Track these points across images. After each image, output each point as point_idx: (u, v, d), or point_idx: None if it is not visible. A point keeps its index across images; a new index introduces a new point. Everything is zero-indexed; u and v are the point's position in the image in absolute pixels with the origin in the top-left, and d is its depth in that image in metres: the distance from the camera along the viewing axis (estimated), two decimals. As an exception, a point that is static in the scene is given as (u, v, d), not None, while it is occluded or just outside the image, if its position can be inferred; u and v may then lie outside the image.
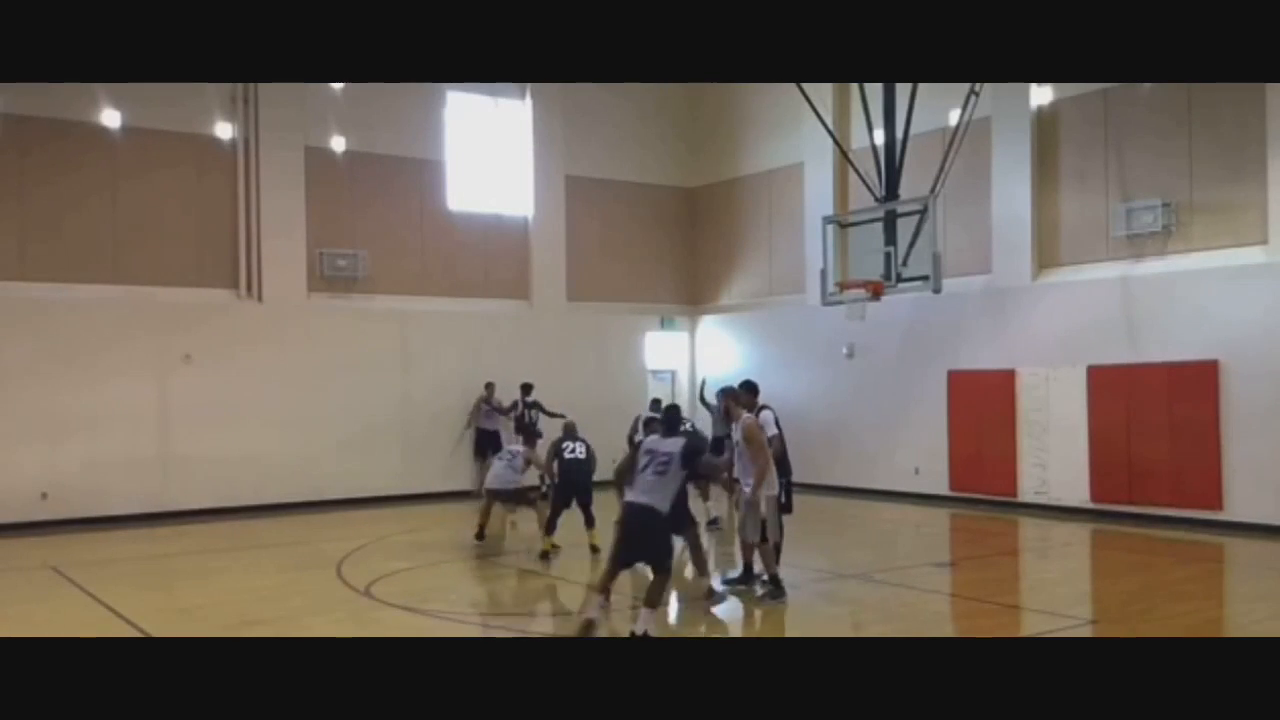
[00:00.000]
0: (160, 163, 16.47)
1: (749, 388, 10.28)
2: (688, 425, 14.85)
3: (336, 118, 17.60)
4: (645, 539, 7.70)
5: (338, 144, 17.63)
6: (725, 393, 10.03)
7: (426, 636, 8.43)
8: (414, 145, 18.69)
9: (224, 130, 16.87)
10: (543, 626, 9.51)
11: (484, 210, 19.47)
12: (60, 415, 15.19)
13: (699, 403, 17.38)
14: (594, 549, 12.01)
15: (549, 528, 12.10)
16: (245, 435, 16.43)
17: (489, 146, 19.63)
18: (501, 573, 12.05)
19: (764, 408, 10.17)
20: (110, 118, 15.76)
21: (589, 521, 12.19)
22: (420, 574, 11.62)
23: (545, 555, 11.92)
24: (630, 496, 7.82)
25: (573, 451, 12.19)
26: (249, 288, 17.17)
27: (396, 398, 17.83)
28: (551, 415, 17.36)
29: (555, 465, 12.24)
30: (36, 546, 13.44)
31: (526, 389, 17.97)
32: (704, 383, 17.51)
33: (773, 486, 9.36)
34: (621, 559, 7.91)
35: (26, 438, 14.96)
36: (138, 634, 8.65)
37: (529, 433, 17.68)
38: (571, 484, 12.09)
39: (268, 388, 16.71)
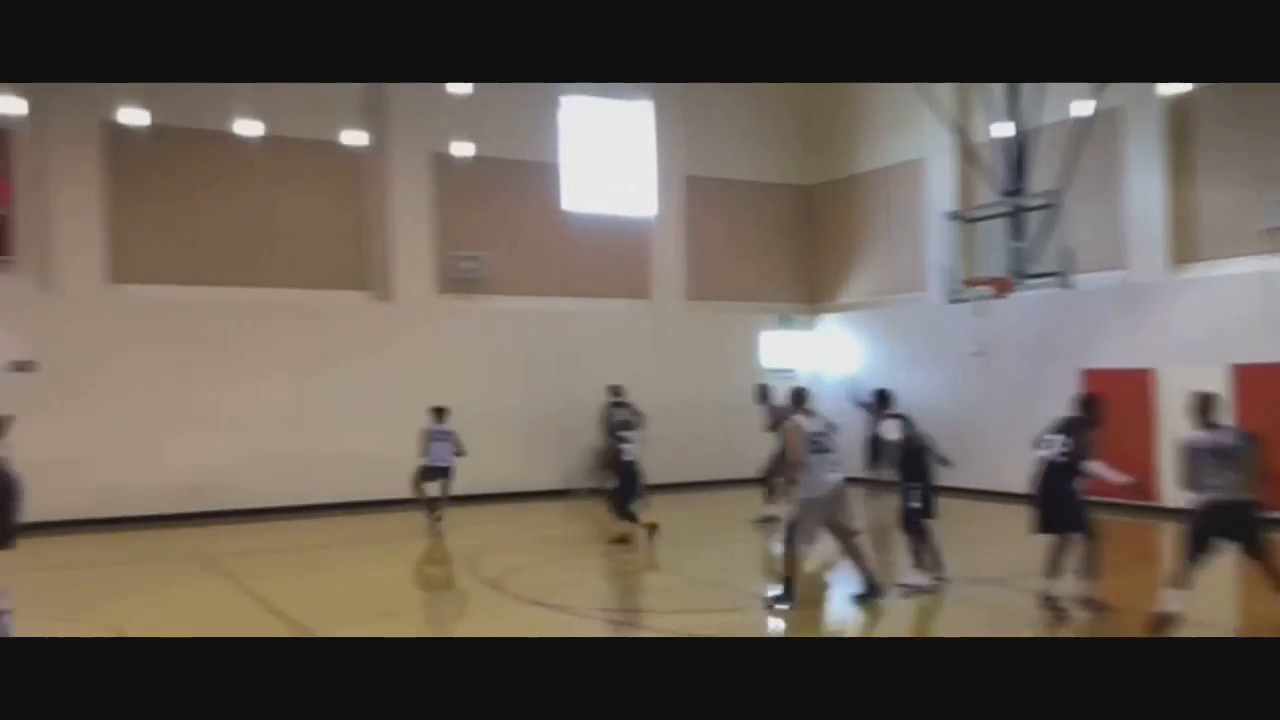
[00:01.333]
0: (298, 170, 17.16)
1: (881, 396, 10.81)
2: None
3: (461, 123, 17.93)
4: (1243, 529, 8.10)
5: (462, 149, 18.01)
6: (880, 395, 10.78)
7: (556, 636, 8.59)
8: (535, 148, 19.03)
9: (357, 138, 17.41)
10: (670, 624, 9.60)
11: (604, 211, 19.71)
12: (209, 412, 15.93)
13: (854, 405, 17.00)
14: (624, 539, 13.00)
15: (630, 518, 13.06)
16: (379, 432, 16.92)
17: (609, 148, 19.86)
18: (627, 568, 12.19)
19: (892, 416, 10.41)
20: (251, 127, 16.36)
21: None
22: (548, 569, 11.85)
23: (625, 540, 12.86)
24: (1221, 495, 8.04)
25: (628, 455, 13.19)
26: (380, 290, 17.74)
27: (520, 396, 18.16)
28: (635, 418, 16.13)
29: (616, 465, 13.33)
30: (188, 537, 14.14)
31: (615, 390, 17.03)
32: (852, 382, 17.38)
33: (810, 489, 9.16)
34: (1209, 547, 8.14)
35: (179, 434, 15.73)
36: (282, 623, 9.05)
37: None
38: (634, 480, 13.16)
39: (398, 386, 17.17)
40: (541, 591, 10.40)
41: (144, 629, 8.48)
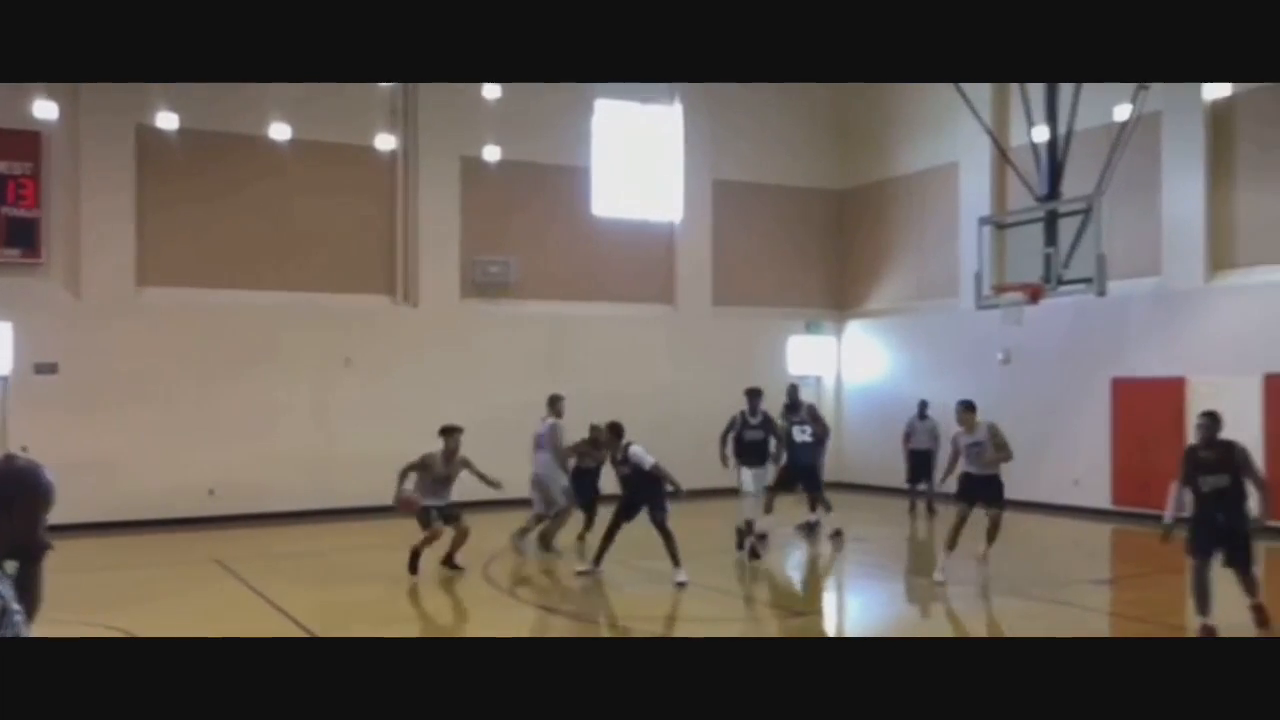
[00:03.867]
0: (324, 173, 17.16)
1: (614, 428, 11.73)
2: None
3: (489, 126, 17.87)
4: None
5: (490, 153, 17.93)
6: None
7: (558, 637, 8.49)
8: (563, 152, 18.95)
9: (384, 141, 17.41)
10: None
11: (631, 216, 19.60)
12: (228, 415, 15.98)
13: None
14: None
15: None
16: (401, 436, 16.84)
17: (637, 152, 19.75)
18: (639, 577, 12.05)
19: (630, 444, 11.44)
20: (278, 131, 16.37)
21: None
22: (563, 578, 11.72)
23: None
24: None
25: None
26: (405, 294, 17.74)
27: (545, 402, 18.02)
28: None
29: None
30: (203, 541, 14.13)
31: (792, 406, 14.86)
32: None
33: None
34: None
35: (196, 436, 15.77)
36: (293, 626, 9.00)
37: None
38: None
39: (422, 391, 17.12)
40: (551, 598, 10.27)
41: (152, 632, 8.46)
